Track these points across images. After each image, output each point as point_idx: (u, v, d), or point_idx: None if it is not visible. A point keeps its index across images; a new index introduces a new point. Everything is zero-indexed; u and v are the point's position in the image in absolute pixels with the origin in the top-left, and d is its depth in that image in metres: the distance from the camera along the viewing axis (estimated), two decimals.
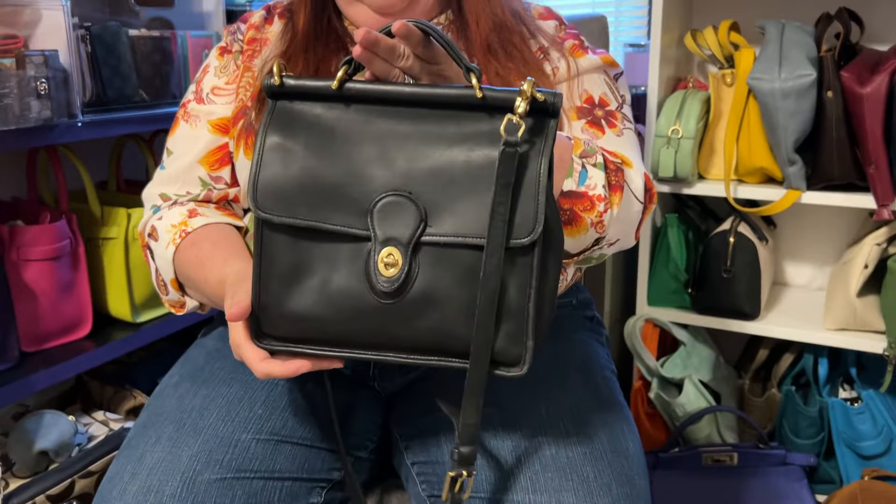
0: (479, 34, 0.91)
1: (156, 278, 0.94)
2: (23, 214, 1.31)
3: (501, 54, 0.90)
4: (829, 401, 1.53)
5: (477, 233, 0.64)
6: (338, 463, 0.86)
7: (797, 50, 1.40)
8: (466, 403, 0.66)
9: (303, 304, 0.67)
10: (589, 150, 0.83)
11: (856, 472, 1.51)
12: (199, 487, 0.75)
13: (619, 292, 1.86)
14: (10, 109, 1.10)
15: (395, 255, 0.65)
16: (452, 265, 0.65)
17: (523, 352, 0.66)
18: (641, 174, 0.88)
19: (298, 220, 0.66)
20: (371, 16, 0.91)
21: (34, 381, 1.20)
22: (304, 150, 0.67)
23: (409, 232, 0.65)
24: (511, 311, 0.65)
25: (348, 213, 0.66)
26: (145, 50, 1.38)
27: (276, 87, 0.68)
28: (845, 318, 1.49)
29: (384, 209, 0.65)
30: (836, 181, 1.43)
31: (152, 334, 1.41)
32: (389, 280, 0.65)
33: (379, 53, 0.67)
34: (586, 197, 0.81)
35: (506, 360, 0.67)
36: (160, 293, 0.95)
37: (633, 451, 0.82)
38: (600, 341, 1.03)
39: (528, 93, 0.64)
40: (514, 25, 0.93)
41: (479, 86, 0.65)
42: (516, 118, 0.63)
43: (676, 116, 1.51)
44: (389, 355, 0.68)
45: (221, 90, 0.97)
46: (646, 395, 1.65)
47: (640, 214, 0.89)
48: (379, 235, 0.65)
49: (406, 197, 0.65)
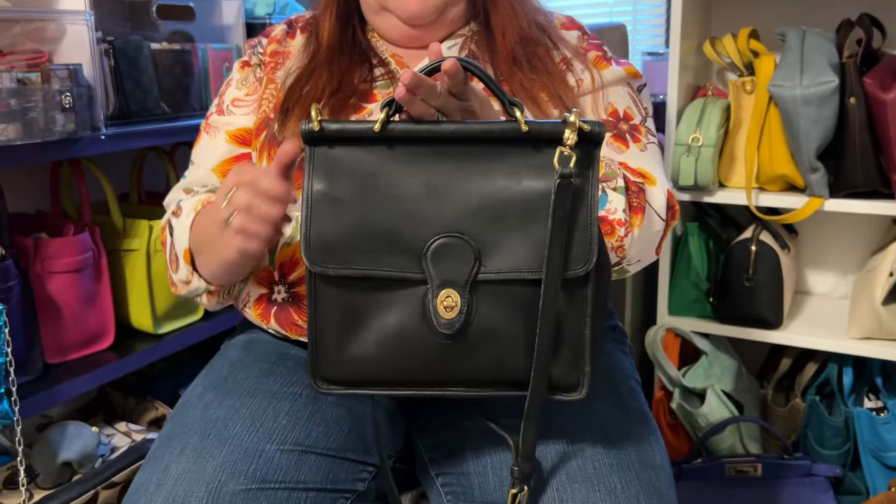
0: (504, 46, 0.91)
1: (169, 255, 0.92)
2: (46, 227, 1.32)
3: (526, 66, 0.91)
4: (854, 411, 1.51)
5: (532, 267, 0.66)
6: (362, 474, 0.85)
7: (819, 56, 1.39)
8: (527, 426, 0.69)
9: (363, 349, 0.69)
10: (610, 174, 0.83)
11: (882, 483, 1.49)
12: (224, 498, 0.75)
13: (640, 302, 1.85)
14: (36, 123, 1.11)
15: (454, 298, 0.66)
16: (510, 300, 0.67)
17: (581, 377, 0.69)
18: (664, 191, 0.88)
19: (353, 269, 0.68)
20: (399, 26, 0.92)
21: (58, 393, 1.21)
22: (350, 198, 0.68)
23: (465, 273, 0.66)
24: (569, 339, 0.68)
25: (402, 257, 0.67)
26: (167, 63, 1.39)
27: (316, 132, 0.68)
28: (870, 327, 1.47)
29: (438, 251, 0.67)
30: (859, 188, 1.41)
31: (174, 345, 1.42)
32: (450, 322, 0.66)
33: (419, 94, 0.67)
34: (606, 221, 0.82)
35: (564, 386, 0.69)
36: (170, 271, 0.93)
37: (660, 462, 0.82)
38: (624, 351, 1.02)
39: (576, 124, 0.65)
40: (539, 38, 0.94)
41: (525, 119, 0.66)
42: (567, 150, 0.64)
43: (696, 124, 1.51)
44: (449, 390, 0.70)
45: (241, 101, 0.98)
46: (668, 406, 1.63)
47: (662, 232, 0.88)
48: (435, 279, 0.67)
49: (458, 238, 0.66)
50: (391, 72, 0.94)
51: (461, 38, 0.96)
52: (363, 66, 0.93)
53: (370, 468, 0.87)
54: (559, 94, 0.90)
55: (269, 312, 0.91)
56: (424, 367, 0.69)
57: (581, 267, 0.66)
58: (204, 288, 0.90)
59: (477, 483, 0.81)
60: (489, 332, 0.67)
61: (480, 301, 0.67)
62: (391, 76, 0.94)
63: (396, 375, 0.70)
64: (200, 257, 0.88)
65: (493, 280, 0.67)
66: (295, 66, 0.96)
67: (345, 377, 0.71)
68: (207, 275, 0.88)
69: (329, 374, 0.71)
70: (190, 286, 0.91)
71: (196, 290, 0.91)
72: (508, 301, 0.67)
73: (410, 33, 0.93)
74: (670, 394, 1.63)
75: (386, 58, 0.95)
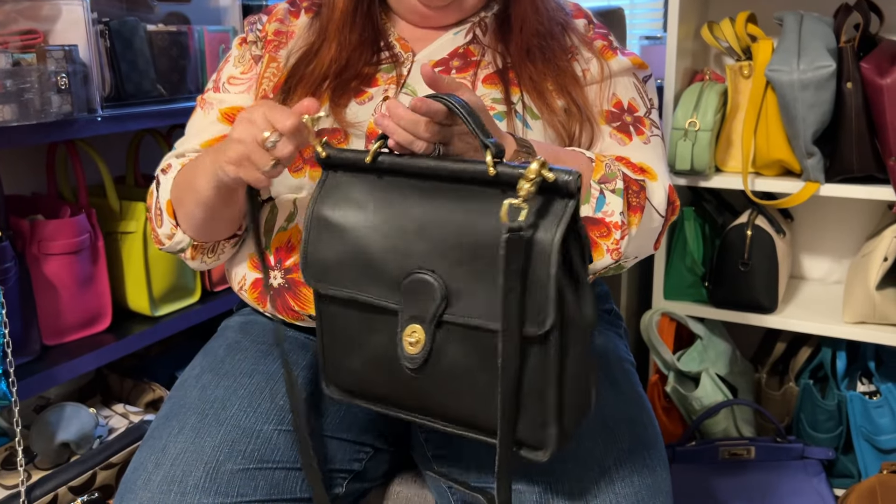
0: (521, 37, 0.91)
1: (154, 210, 0.92)
2: (43, 209, 1.32)
3: (539, 59, 0.90)
4: (847, 394, 1.52)
5: (495, 317, 0.62)
6: (359, 454, 0.86)
7: (816, 41, 1.39)
8: (499, 482, 0.66)
9: (354, 364, 0.73)
10: (609, 175, 0.83)
11: (874, 466, 1.50)
12: (222, 478, 0.76)
13: (636, 286, 1.85)
14: (31, 104, 1.10)
15: (419, 334, 0.67)
16: (476, 346, 0.65)
17: (545, 438, 0.65)
18: (665, 187, 0.88)
19: (342, 291, 0.71)
20: (417, 7, 0.91)
21: (55, 374, 1.22)
22: (344, 224, 0.71)
23: (432, 310, 0.66)
24: (532, 396, 0.64)
25: (383, 286, 0.68)
26: (162, 45, 1.39)
27: (324, 159, 0.72)
28: (864, 312, 1.48)
29: (411, 285, 0.67)
30: (855, 173, 1.42)
31: (171, 328, 1.42)
32: (413, 357, 0.67)
33: (401, 125, 0.67)
34: (603, 223, 0.82)
35: (529, 444, 0.66)
36: (154, 226, 0.93)
37: (654, 443, 0.82)
38: (619, 334, 1.03)
39: (532, 174, 0.60)
40: (557, 36, 0.93)
41: (493, 162, 0.63)
42: (519, 201, 0.60)
43: (693, 109, 1.51)
44: (427, 420, 0.71)
45: (236, 79, 0.98)
46: (662, 389, 1.64)
47: (661, 227, 0.88)
48: (404, 313, 0.67)
49: (430, 274, 0.66)
50: (395, 55, 0.94)
51: (468, 24, 0.96)
52: (371, 47, 0.93)
53: (367, 449, 0.87)
54: (568, 90, 0.90)
55: (265, 297, 0.92)
56: (405, 393, 0.70)
57: (538, 327, 0.61)
58: (188, 242, 0.90)
59: (473, 466, 0.82)
60: (456, 374, 0.66)
61: (447, 341, 0.66)
62: (395, 60, 0.93)
63: (383, 395, 0.72)
64: (181, 210, 0.88)
65: (460, 323, 0.65)
66: (299, 45, 0.95)
67: (344, 386, 0.75)
68: (188, 227, 0.89)
69: (332, 380, 0.76)
70: (173, 239, 0.91)
71: (179, 244, 0.91)
72: (474, 347, 0.65)
73: (424, 12, 0.93)
74: (665, 377, 1.63)
75: (391, 41, 0.95)
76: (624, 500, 0.75)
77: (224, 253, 0.95)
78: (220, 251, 0.94)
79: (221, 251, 0.95)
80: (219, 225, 0.89)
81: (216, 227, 0.89)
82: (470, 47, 0.93)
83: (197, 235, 0.90)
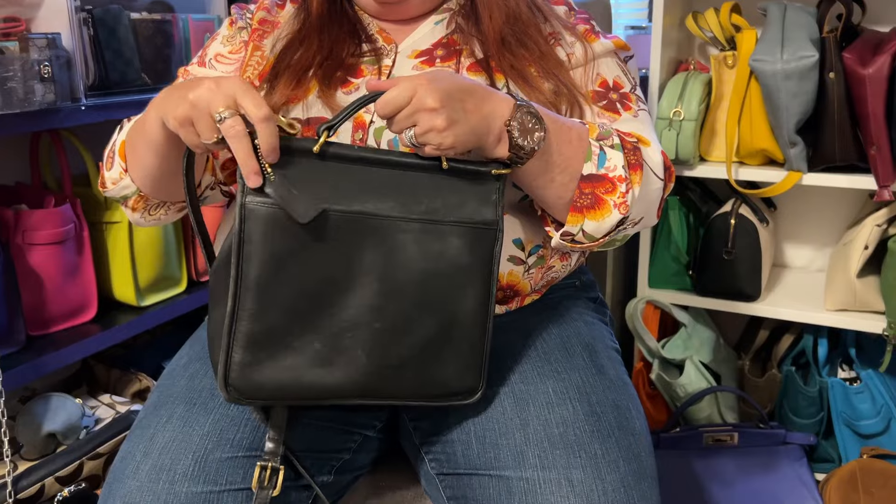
0: (492, 27, 0.90)
1: (107, 153, 0.91)
2: (27, 199, 1.31)
3: (516, 46, 0.90)
4: (828, 381, 1.55)
5: None
6: (347, 442, 0.87)
7: (799, 31, 1.40)
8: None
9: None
10: (604, 133, 0.84)
11: (855, 451, 1.53)
12: (211, 466, 0.76)
13: (621, 274, 1.87)
14: (14, 93, 1.10)
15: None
16: None
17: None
18: (659, 151, 0.89)
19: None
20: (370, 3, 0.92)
21: (41, 365, 1.21)
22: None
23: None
24: None
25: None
26: (147, 33, 1.38)
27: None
28: (845, 299, 1.50)
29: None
30: (837, 163, 1.43)
31: (157, 318, 1.42)
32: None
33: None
34: (607, 179, 0.82)
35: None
36: (103, 169, 0.91)
37: (640, 429, 0.83)
38: (605, 321, 1.04)
39: None
40: (530, 17, 0.93)
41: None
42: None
43: (678, 98, 1.52)
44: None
45: (224, 58, 0.98)
46: (647, 377, 1.66)
47: (661, 192, 0.89)
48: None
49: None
50: (378, 48, 0.94)
51: (448, 13, 0.95)
52: (352, 39, 0.93)
53: (355, 436, 0.88)
54: (554, 73, 0.90)
55: None
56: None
57: None
58: (133, 189, 0.89)
59: (461, 451, 0.82)
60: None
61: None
62: (377, 53, 0.93)
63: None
64: (133, 155, 0.86)
65: None
66: (284, 34, 0.95)
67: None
68: (138, 175, 0.86)
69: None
70: (118, 184, 0.89)
71: (125, 189, 0.89)
72: None
73: (378, 9, 0.93)
74: (650, 365, 1.65)
75: (373, 33, 0.95)
76: (610, 486, 0.76)
77: (167, 216, 0.94)
78: (163, 211, 0.93)
79: (165, 212, 0.93)
80: (169, 181, 0.86)
81: (167, 183, 0.86)
82: (453, 37, 0.93)
83: (146, 187, 0.87)
